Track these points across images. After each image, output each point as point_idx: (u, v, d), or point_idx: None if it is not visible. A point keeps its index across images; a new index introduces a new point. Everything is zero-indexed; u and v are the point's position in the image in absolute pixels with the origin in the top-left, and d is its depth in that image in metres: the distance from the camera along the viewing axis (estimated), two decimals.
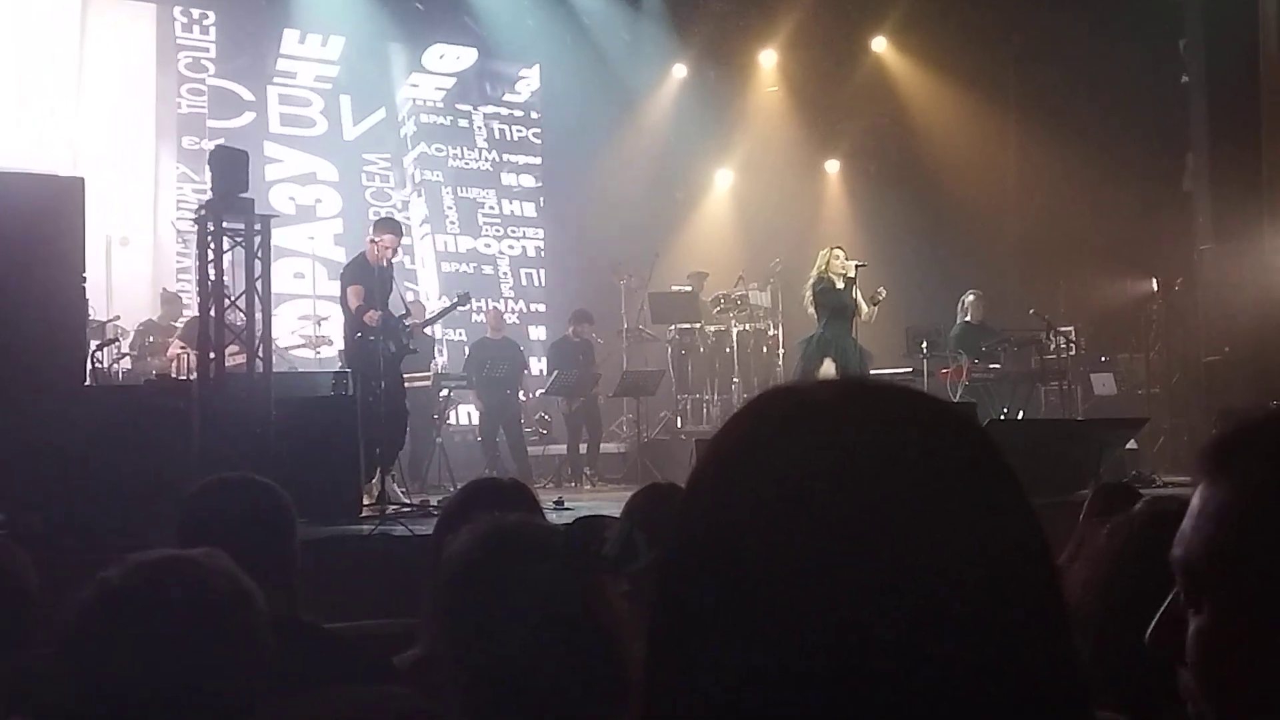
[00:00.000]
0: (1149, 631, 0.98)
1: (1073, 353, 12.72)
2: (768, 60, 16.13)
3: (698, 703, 0.77)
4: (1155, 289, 13.67)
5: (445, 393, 12.36)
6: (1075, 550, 3.30)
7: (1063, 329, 12.35)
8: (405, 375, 10.00)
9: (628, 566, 1.78)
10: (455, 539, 1.91)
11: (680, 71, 15.98)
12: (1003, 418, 10.97)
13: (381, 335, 9.19)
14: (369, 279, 9.32)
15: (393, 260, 9.69)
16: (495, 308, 14.64)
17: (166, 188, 13.80)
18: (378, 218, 9.87)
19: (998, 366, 11.99)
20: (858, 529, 0.75)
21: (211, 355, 8.30)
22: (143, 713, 1.66)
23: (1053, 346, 12.02)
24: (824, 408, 0.81)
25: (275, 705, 1.87)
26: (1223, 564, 0.91)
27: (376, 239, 9.47)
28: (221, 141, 11.51)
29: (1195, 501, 0.95)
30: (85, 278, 7.62)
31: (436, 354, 13.15)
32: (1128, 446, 9.73)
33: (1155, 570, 1.81)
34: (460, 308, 10.79)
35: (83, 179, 7.83)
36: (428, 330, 11.76)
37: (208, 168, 8.81)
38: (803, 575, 0.75)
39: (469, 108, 15.92)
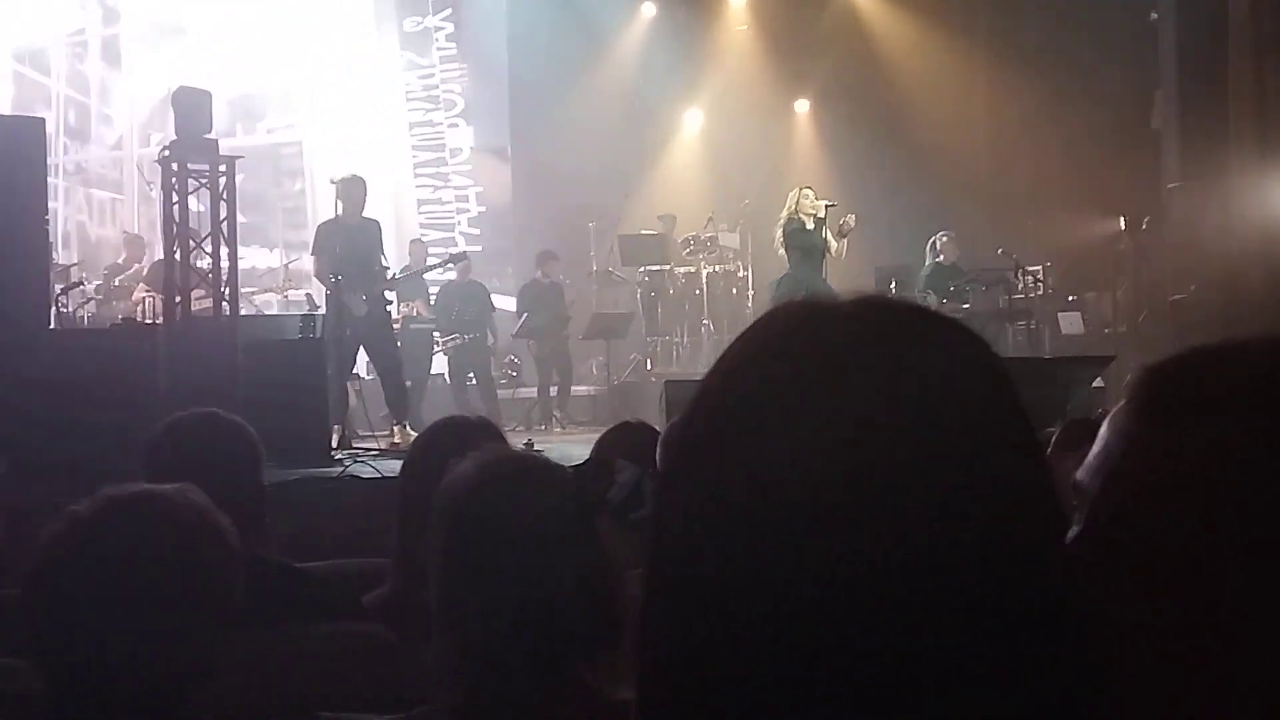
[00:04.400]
0: None
1: (1041, 292, 12.77)
2: None
3: (697, 619, 0.75)
4: (1123, 227, 13.70)
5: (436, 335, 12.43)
6: None
7: (1031, 268, 12.39)
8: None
9: (634, 512, 1.77)
10: (460, 464, 1.86)
11: (649, 9, 15.82)
12: None
13: (345, 291, 9.31)
14: (334, 240, 9.49)
15: (363, 215, 9.76)
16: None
17: None
18: (343, 176, 9.98)
19: (967, 306, 12.02)
20: (867, 439, 0.73)
21: (177, 299, 8.24)
22: (112, 646, 1.66)
23: (1021, 286, 12.06)
24: (844, 313, 0.79)
25: (245, 641, 1.86)
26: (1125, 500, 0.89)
27: (345, 196, 9.63)
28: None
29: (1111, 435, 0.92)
30: (48, 220, 7.55)
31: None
32: (1095, 384, 9.78)
33: None
34: (454, 264, 10.94)
35: (43, 119, 7.74)
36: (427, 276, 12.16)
37: (171, 109, 8.71)
38: (802, 487, 0.73)
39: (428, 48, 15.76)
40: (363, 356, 9.93)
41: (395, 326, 10.58)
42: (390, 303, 10.10)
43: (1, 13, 13.22)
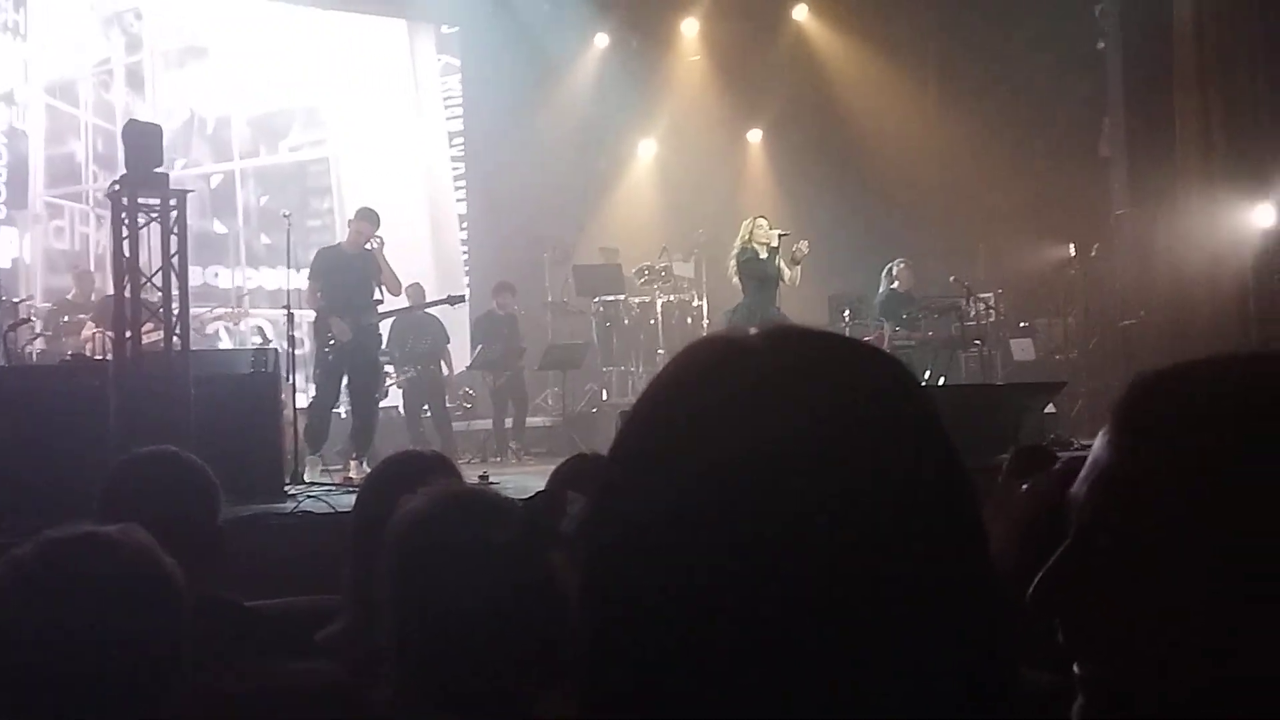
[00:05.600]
0: (1032, 587, 0.98)
1: (992, 319, 12.88)
2: (689, 29, 16.11)
3: (625, 633, 0.78)
4: (1073, 254, 13.85)
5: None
6: (994, 512, 3.34)
7: (982, 295, 12.50)
8: None
9: None
10: (407, 502, 1.86)
11: (602, 40, 15.89)
12: (923, 384, 11.07)
13: (332, 315, 9.55)
14: (329, 266, 9.74)
15: (372, 247, 9.91)
16: (416, 282, 14.49)
17: None
18: (360, 207, 10.19)
19: (919, 334, 12.11)
20: (780, 462, 0.76)
21: (127, 334, 8.17)
22: (57, 691, 1.63)
23: (973, 313, 12.16)
24: (753, 348, 0.82)
25: (195, 681, 1.84)
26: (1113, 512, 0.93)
27: (354, 227, 9.92)
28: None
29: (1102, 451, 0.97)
30: None
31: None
32: (1046, 410, 9.86)
33: (1067, 529, 1.85)
34: (452, 304, 11.21)
35: None
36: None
37: (120, 142, 8.66)
38: (720, 510, 0.75)
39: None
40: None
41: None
42: (379, 335, 10.23)
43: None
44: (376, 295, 9.92)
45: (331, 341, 9.55)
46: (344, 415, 10.25)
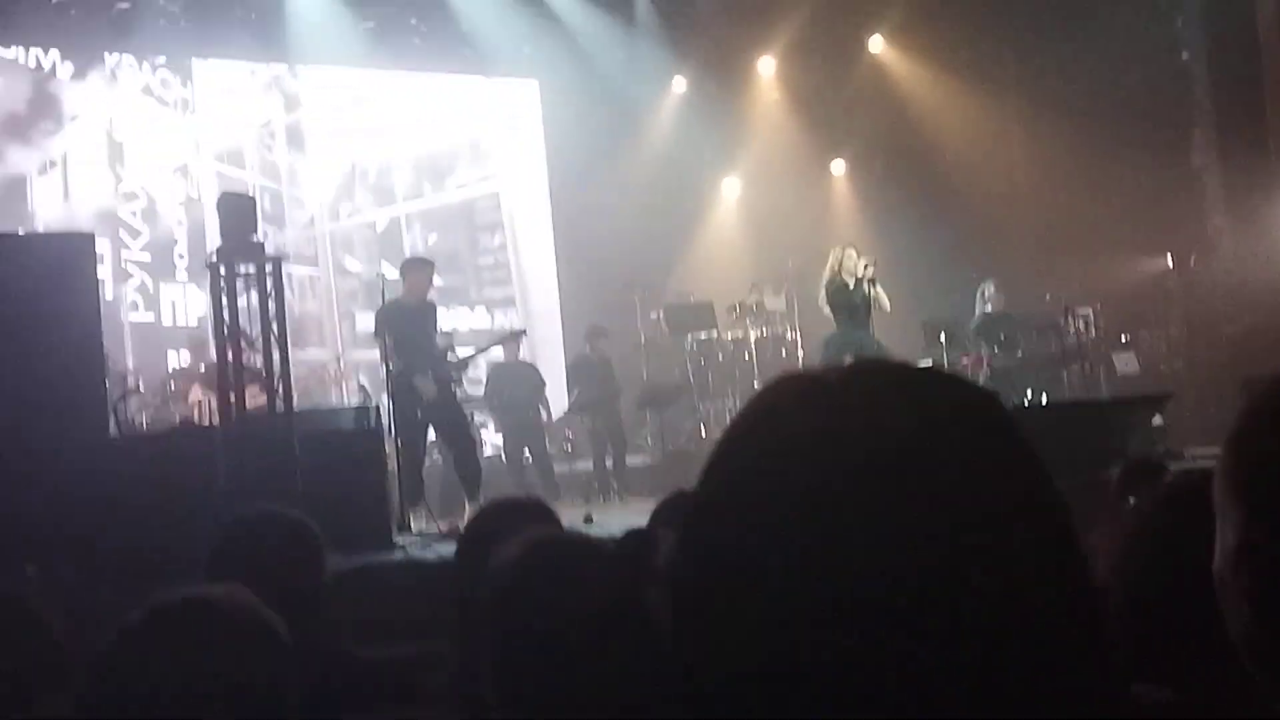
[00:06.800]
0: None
1: (1092, 334, 12.67)
2: (766, 67, 16.15)
3: (715, 667, 0.78)
4: (1170, 265, 13.60)
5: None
6: (1106, 526, 3.29)
7: (1080, 311, 12.31)
8: None
9: None
10: (502, 549, 1.88)
11: (680, 84, 15.99)
12: (1027, 403, 10.93)
13: (414, 374, 9.52)
14: (397, 322, 9.69)
15: (429, 297, 10.04)
16: (512, 329, 14.66)
17: None
18: (408, 258, 10.32)
19: (1019, 354, 11.95)
20: (861, 495, 0.76)
21: (232, 398, 8.33)
22: None
23: (1072, 330, 11.98)
24: (833, 383, 0.83)
25: None
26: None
27: (411, 279, 9.95)
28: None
29: None
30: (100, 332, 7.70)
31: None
32: (1155, 423, 9.69)
33: (1174, 544, 1.81)
34: (516, 340, 11.12)
35: (91, 234, 7.91)
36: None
37: (216, 213, 8.88)
38: (804, 544, 0.76)
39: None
40: None
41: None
42: (457, 383, 10.24)
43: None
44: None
45: (418, 398, 9.58)
46: (436, 463, 10.33)
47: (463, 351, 11.28)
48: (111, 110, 13.56)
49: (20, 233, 10.89)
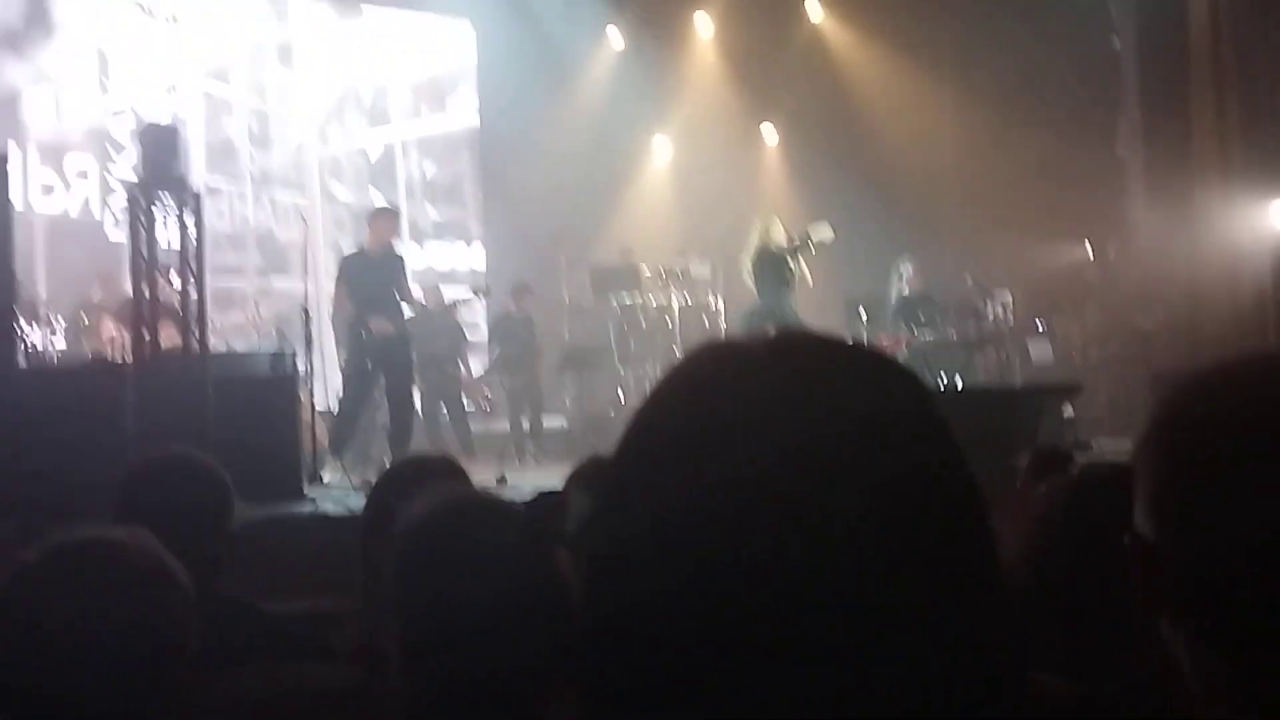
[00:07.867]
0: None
1: (1010, 320, 12.82)
2: (703, 24, 16.11)
3: (626, 636, 0.78)
4: (1090, 254, 13.78)
5: None
6: (1012, 512, 3.33)
7: (1000, 296, 12.45)
8: None
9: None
10: (409, 508, 1.86)
11: (615, 35, 15.89)
12: (942, 386, 11.04)
13: (370, 314, 9.51)
14: (357, 272, 9.63)
15: (393, 247, 10.04)
16: (435, 285, 14.50)
17: None
18: (376, 206, 10.23)
19: (937, 336, 12.06)
20: (781, 470, 0.76)
21: (146, 336, 8.19)
22: (63, 693, 1.64)
23: (990, 315, 12.12)
24: (757, 355, 0.82)
25: (206, 684, 1.84)
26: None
27: (376, 227, 9.94)
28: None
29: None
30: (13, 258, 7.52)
31: None
32: (1065, 414, 9.83)
33: (1081, 534, 1.84)
34: (481, 297, 11.39)
35: (4, 154, 7.69)
36: None
37: (138, 144, 8.70)
38: (721, 518, 0.75)
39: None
40: None
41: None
42: (409, 337, 10.20)
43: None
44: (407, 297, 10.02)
45: (364, 336, 9.47)
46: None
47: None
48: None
49: None
